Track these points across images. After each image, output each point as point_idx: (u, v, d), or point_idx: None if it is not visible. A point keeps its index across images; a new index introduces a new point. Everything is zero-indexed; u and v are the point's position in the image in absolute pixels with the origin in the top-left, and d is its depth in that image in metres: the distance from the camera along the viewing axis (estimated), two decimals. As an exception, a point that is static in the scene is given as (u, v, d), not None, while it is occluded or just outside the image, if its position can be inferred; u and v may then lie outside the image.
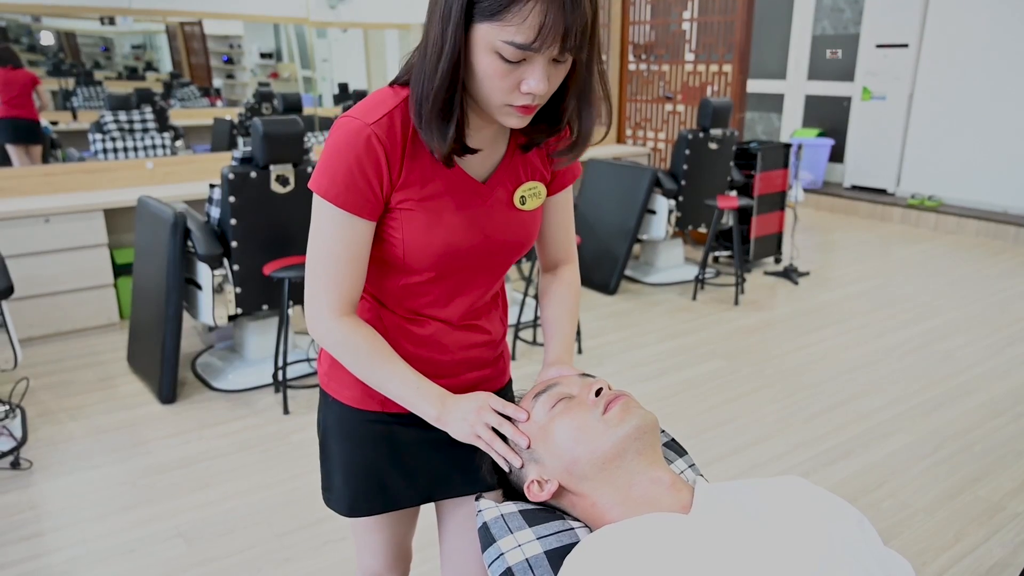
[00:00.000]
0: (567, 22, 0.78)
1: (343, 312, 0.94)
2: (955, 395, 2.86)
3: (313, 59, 6.41)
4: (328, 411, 1.08)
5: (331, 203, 0.89)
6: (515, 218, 0.99)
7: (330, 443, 1.09)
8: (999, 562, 1.90)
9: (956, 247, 5.21)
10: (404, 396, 0.94)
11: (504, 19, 0.77)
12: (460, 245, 0.95)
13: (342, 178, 0.88)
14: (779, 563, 0.71)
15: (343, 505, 1.09)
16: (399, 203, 0.92)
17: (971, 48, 5.76)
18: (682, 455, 1.02)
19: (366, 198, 0.90)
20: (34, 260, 3.30)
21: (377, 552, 1.17)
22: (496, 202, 0.97)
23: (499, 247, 0.99)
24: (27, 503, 2.17)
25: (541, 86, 0.82)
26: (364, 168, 0.88)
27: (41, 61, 6.19)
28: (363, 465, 1.07)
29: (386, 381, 0.94)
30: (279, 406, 2.78)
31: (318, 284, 0.93)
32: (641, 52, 5.42)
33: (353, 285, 0.94)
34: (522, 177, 0.99)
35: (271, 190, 2.75)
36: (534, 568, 0.82)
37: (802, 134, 6.97)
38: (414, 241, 0.93)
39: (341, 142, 0.88)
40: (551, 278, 1.13)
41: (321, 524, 2.05)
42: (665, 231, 4.16)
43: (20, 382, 2.89)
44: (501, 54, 0.80)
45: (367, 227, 0.92)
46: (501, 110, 0.86)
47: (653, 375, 3.07)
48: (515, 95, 0.84)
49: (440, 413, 0.92)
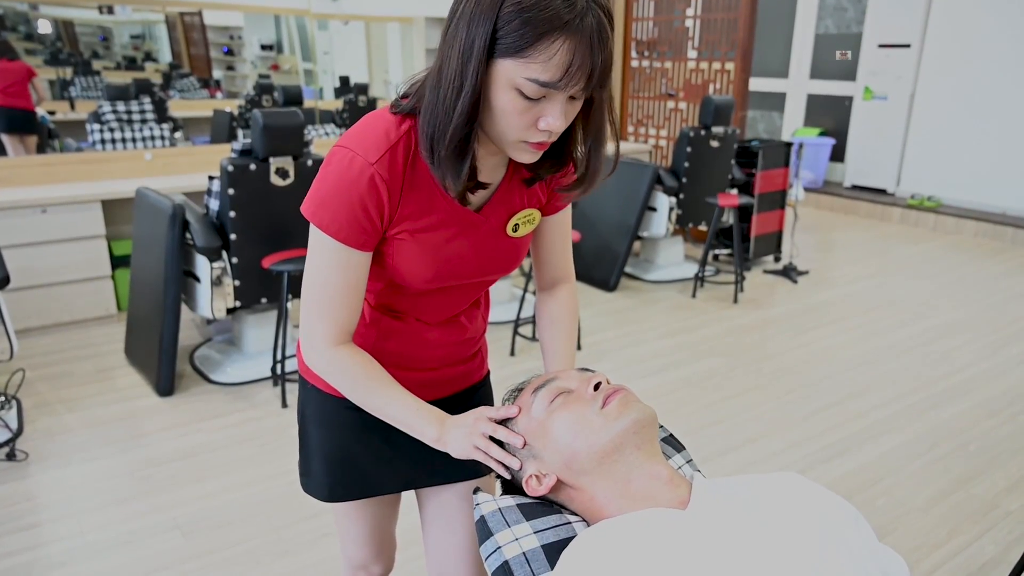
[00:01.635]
0: (593, 61, 0.76)
1: (339, 342, 0.94)
2: (951, 395, 2.87)
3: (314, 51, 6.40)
4: (307, 398, 1.09)
5: (332, 238, 0.89)
6: (506, 244, 0.99)
7: (309, 429, 1.10)
8: (992, 559, 1.91)
9: (955, 247, 5.22)
10: (403, 420, 0.94)
11: (529, 56, 0.75)
12: (451, 271, 0.96)
13: (344, 216, 0.87)
14: (775, 559, 0.71)
15: (322, 490, 1.10)
16: (395, 234, 0.92)
17: (973, 49, 5.75)
18: (680, 451, 1.02)
19: (366, 233, 0.89)
20: (31, 251, 3.29)
21: (360, 541, 1.18)
22: (489, 230, 0.97)
23: (487, 270, 1.00)
24: (24, 494, 2.17)
25: (559, 123, 0.81)
26: (367, 207, 0.87)
27: (39, 50, 6.16)
28: (342, 451, 1.07)
29: (384, 406, 0.94)
30: (277, 399, 2.78)
31: (314, 315, 0.93)
32: (644, 49, 5.41)
33: (350, 316, 0.93)
34: (516, 205, 0.98)
35: (270, 183, 2.75)
36: (531, 562, 0.82)
37: (803, 133, 6.97)
38: (405, 267, 0.94)
39: (343, 179, 0.86)
40: (548, 298, 1.12)
41: (318, 517, 2.06)
42: (665, 228, 4.16)
43: (16, 373, 2.89)
44: (522, 91, 0.78)
45: (364, 258, 0.92)
46: (515, 146, 0.84)
47: (652, 372, 3.07)
48: (531, 132, 0.82)
49: (440, 435, 0.92)
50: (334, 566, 1.87)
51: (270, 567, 1.87)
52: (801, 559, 0.71)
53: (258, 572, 1.85)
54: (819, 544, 0.73)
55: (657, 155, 5.47)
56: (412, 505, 1.69)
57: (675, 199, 4.14)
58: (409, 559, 1.84)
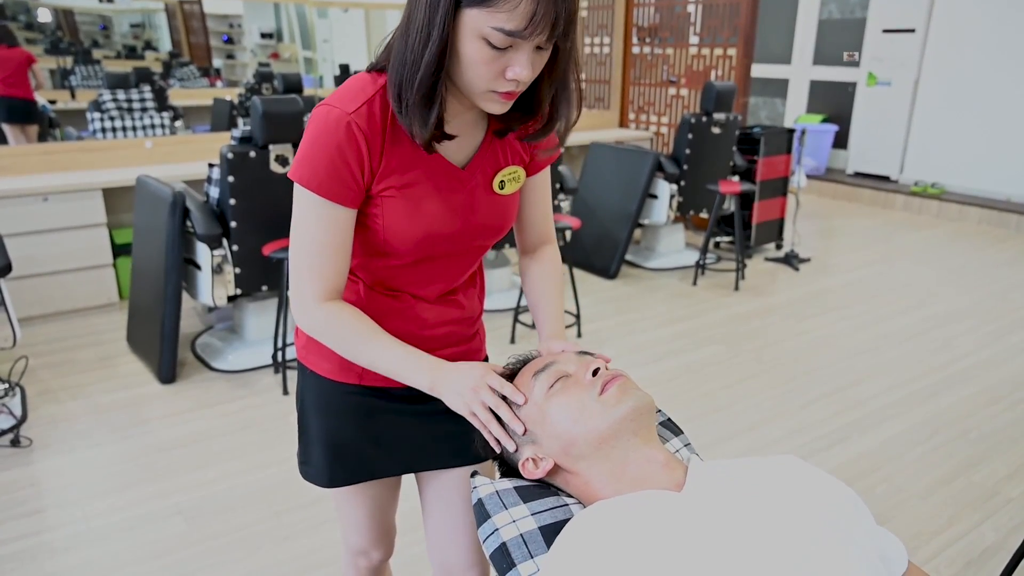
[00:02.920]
0: (557, 10, 0.78)
1: (328, 299, 0.94)
2: (953, 382, 2.87)
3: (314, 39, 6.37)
4: (306, 384, 1.09)
5: (313, 192, 0.89)
6: (494, 202, 1.00)
7: (308, 416, 1.10)
8: (992, 546, 1.91)
9: (958, 235, 5.20)
10: (395, 370, 0.94)
11: (495, 5, 0.77)
12: (440, 230, 0.96)
13: (324, 168, 0.88)
14: (771, 540, 0.71)
15: (322, 477, 1.10)
16: (380, 191, 0.92)
17: (979, 34, 5.70)
18: (678, 434, 1.03)
19: (348, 187, 0.90)
20: (33, 239, 3.30)
21: (360, 526, 1.18)
22: (475, 187, 0.98)
23: (478, 231, 1.00)
24: (27, 480, 2.18)
25: (526, 73, 0.83)
26: (346, 157, 0.88)
27: (39, 39, 6.14)
28: (341, 436, 1.07)
29: (376, 358, 0.94)
30: (278, 387, 2.79)
31: (302, 274, 0.93)
32: (645, 35, 5.37)
33: (337, 273, 0.94)
34: (501, 162, 1.00)
35: (270, 170, 2.74)
36: (528, 543, 0.82)
37: (806, 120, 6.93)
38: (395, 227, 0.94)
39: (321, 131, 0.88)
40: (533, 261, 1.13)
41: (319, 503, 2.07)
42: (666, 216, 4.15)
43: (19, 360, 2.90)
44: (489, 40, 0.80)
45: (349, 215, 0.92)
46: (484, 96, 0.86)
47: (652, 359, 3.07)
48: (499, 81, 0.84)
49: (433, 382, 0.92)
50: (334, 551, 1.88)
51: (271, 552, 1.88)
52: (797, 541, 0.71)
53: (259, 557, 1.86)
54: (816, 526, 0.73)
55: (658, 142, 5.44)
56: (411, 491, 1.69)
57: (676, 186, 4.13)
58: (408, 544, 1.85)
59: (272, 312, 3.07)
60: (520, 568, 0.81)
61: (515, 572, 0.81)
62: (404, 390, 1.05)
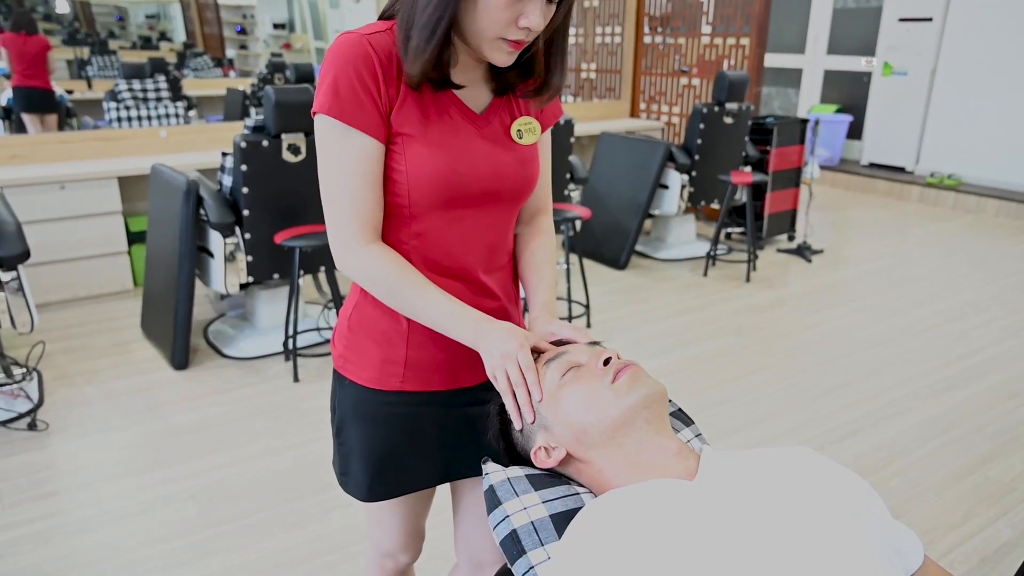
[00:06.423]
0: None
1: (369, 239, 0.93)
2: (968, 376, 2.84)
3: (326, 29, 6.36)
4: (344, 394, 1.06)
5: (336, 119, 0.89)
6: (515, 152, 0.99)
7: (347, 427, 1.07)
8: (1008, 542, 1.90)
9: (975, 227, 5.13)
10: (440, 321, 0.93)
11: None
12: (465, 173, 0.94)
13: (344, 91, 0.88)
14: (783, 531, 0.71)
15: (362, 490, 1.08)
16: (400, 126, 0.92)
17: (998, 23, 5.60)
18: (689, 424, 1.02)
19: (369, 112, 0.89)
20: (50, 226, 3.33)
21: (391, 531, 1.16)
22: (494, 132, 0.98)
23: (502, 181, 0.98)
24: (43, 463, 2.21)
25: (539, 21, 0.84)
26: (363, 78, 0.88)
27: (56, 30, 6.18)
28: (382, 448, 1.05)
29: (424, 307, 0.93)
30: (289, 374, 2.80)
31: (340, 216, 0.92)
32: (657, 24, 5.32)
33: (373, 207, 0.93)
34: (516, 112, 1.00)
35: (283, 159, 2.75)
36: (539, 531, 0.82)
37: (820, 110, 6.85)
38: (418, 169, 0.92)
39: (338, 55, 0.89)
40: (527, 228, 1.11)
41: (329, 490, 2.08)
42: (677, 206, 4.12)
43: (36, 345, 2.93)
44: None
45: (377, 149, 0.91)
46: (493, 44, 0.87)
47: (662, 350, 3.06)
48: (511, 29, 0.85)
49: (476, 336, 0.92)
50: (345, 537, 1.89)
51: (282, 537, 1.90)
52: (812, 532, 0.71)
53: (270, 542, 1.88)
54: (831, 517, 0.73)
55: (669, 132, 5.40)
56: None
57: (687, 176, 4.10)
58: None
59: (283, 300, 3.08)
60: (530, 555, 0.81)
61: (525, 559, 0.81)
62: (446, 394, 1.04)
